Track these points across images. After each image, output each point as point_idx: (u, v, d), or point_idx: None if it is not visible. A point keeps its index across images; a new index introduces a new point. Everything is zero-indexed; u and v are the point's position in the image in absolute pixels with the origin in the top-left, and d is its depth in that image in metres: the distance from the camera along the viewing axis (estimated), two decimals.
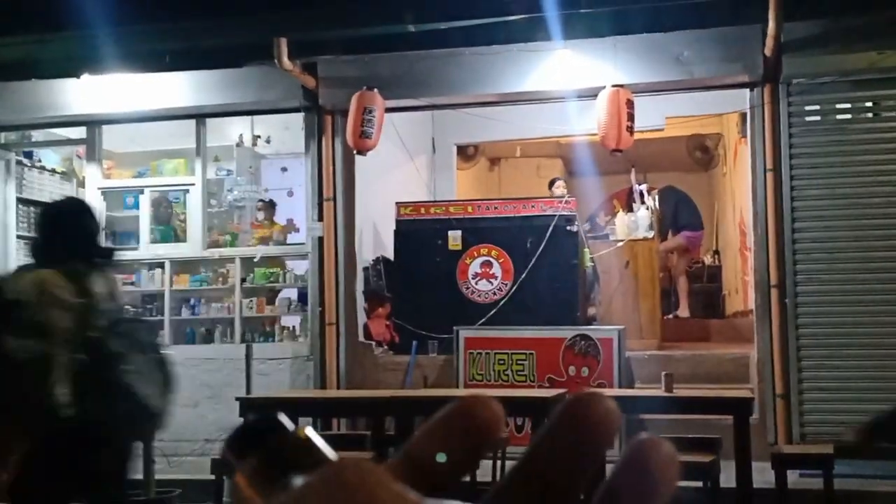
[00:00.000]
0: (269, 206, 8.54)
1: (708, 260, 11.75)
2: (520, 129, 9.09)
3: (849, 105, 7.04)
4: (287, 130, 8.49)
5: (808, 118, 7.01)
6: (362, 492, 0.27)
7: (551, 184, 9.47)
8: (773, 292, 6.86)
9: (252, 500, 0.32)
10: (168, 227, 8.54)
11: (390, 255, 8.55)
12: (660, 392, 5.23)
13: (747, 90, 7.16)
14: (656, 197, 9.53)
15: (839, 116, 7.05)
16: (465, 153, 11.26)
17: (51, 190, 9.59)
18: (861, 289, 6.75)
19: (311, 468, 0.30)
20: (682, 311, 10.19)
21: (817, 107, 7.02)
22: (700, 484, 5.05)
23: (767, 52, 6.79)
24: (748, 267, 8.40)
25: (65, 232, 3.30)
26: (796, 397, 6.74)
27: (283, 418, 0.34)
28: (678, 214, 10.79)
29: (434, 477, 0.31)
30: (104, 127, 8.40)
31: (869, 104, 7.08)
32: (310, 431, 0.33)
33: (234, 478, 0.33)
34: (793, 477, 5.15)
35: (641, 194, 9.31)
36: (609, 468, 0.33)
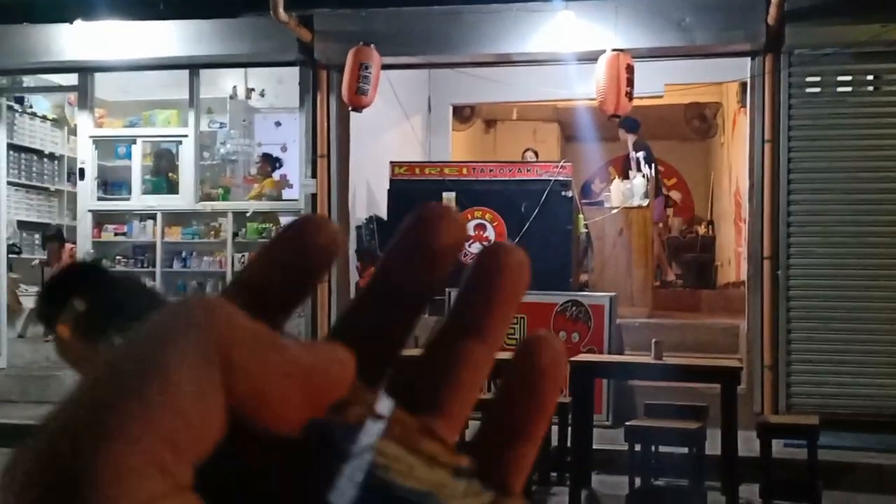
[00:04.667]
0: (267, 161, 8.46)
1: (702, 230, 11.73)
2: (517, 92, 9.00)
3: (850, 77, 6.97)
4: (281, 84, 8.38)
5: (808, 89, 6.95)
6: (216, 331, 0.24)
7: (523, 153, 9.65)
8: (766, 264, 6.85)
9: (78, 351, 0.28)
10: (160, 178, 8.46)
11: (384, 214, 8.50)
12: (649, 359, 5.24)
13: (748, 59, 7.08)
14: (654, 165, 9.47)
15: (840, 89, 6.98)
16: (462, 114, 11.16)
17: (42, 137, 9.49)
18: (853, 263, 6.75)
19: (144, 312, 0.25)
20: (668, 276, 10.18)
21: (818, 78, 6.95)
22: (686, 450, 5.09)
23: (770, 20, 6.70)
24: (742, 238, 8.39)
25: None
26: (784, 368, 6.78)
27: (105, 263, 0.30)
28: None
29: (267, 306, 0.28)
30: (96, 75, 8.28)
31: (870, 77, 7.01)
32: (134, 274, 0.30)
33: (56, 328, 0.28)
34: (777, 446, 5.19)
35: (638, 162, 9.25)
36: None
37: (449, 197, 7.90)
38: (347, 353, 0.26)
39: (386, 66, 7.30)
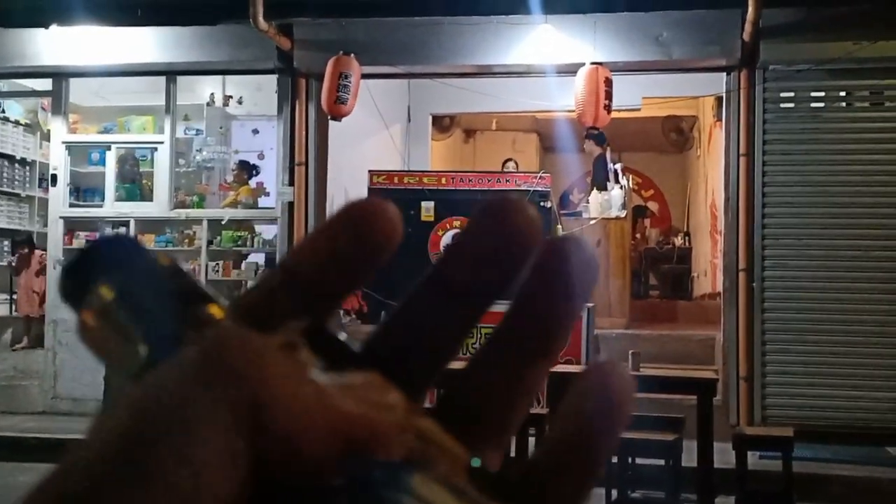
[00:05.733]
0: (244, 168, 8.40)
1: (678, 242, 11.82)
2: (497, 102, 9.02)
3: (823, 93, 7.08)
4: (260, 92, 8.34)
5: (782, 104, 7.05)
6: (250, 382, 0.21)
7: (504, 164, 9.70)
8: (741, 276, 6.91)
9: (104, 341, 0.25)
10: (134, 185, 8.37)
11: None
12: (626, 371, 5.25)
13: (724, 74, 7.17)
14: (630, 177, 9.54)
15: (813, 104, 7.09)
16: (441, 124, 11.18)
17: (14, 142, 9.36)
18: (827, 275, 6.83)
19: (181, 304, 0.24)
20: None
21: (792, 94, 7.05)
22: (662, 462, 5.10)
23: (746, 37, 6.79)
24: (718, 250, 8.46)
25: None
26: (759, 380, 6.83)
27: (141, 242, 0.27)
28: None
29: (318, 297, 0.25)
30: (71, 80, 8.19)
31: (842, 93, 7.12)
32: (171, 258, 0.26)
33: (80, 314, 0.25)
34: (753, 458, 5.22)
35: (616, 173, 9.30)
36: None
37: (427, 206, 7.90)
38: (397, 394, 0.23)
39: (366, 76, 7.29)
